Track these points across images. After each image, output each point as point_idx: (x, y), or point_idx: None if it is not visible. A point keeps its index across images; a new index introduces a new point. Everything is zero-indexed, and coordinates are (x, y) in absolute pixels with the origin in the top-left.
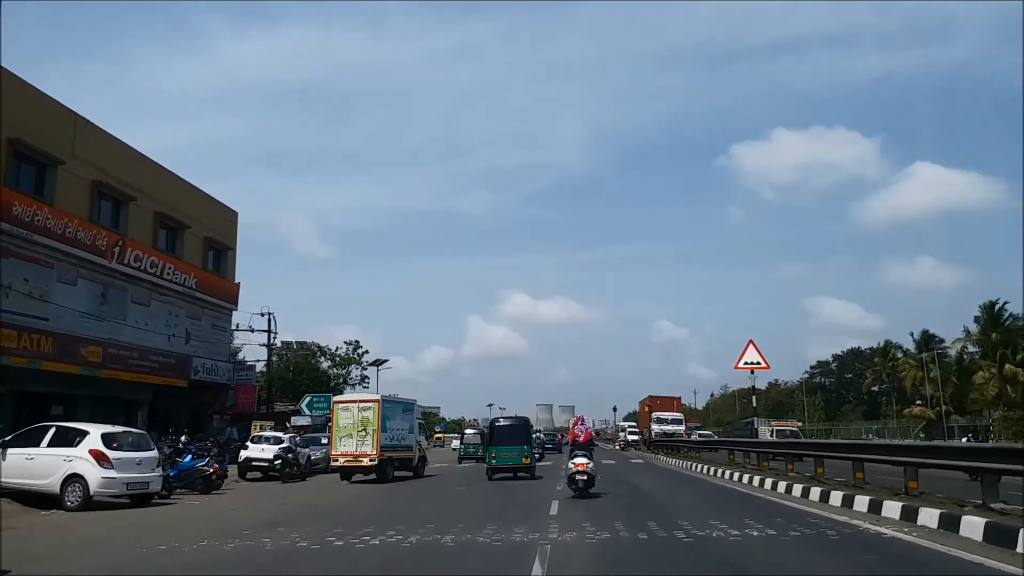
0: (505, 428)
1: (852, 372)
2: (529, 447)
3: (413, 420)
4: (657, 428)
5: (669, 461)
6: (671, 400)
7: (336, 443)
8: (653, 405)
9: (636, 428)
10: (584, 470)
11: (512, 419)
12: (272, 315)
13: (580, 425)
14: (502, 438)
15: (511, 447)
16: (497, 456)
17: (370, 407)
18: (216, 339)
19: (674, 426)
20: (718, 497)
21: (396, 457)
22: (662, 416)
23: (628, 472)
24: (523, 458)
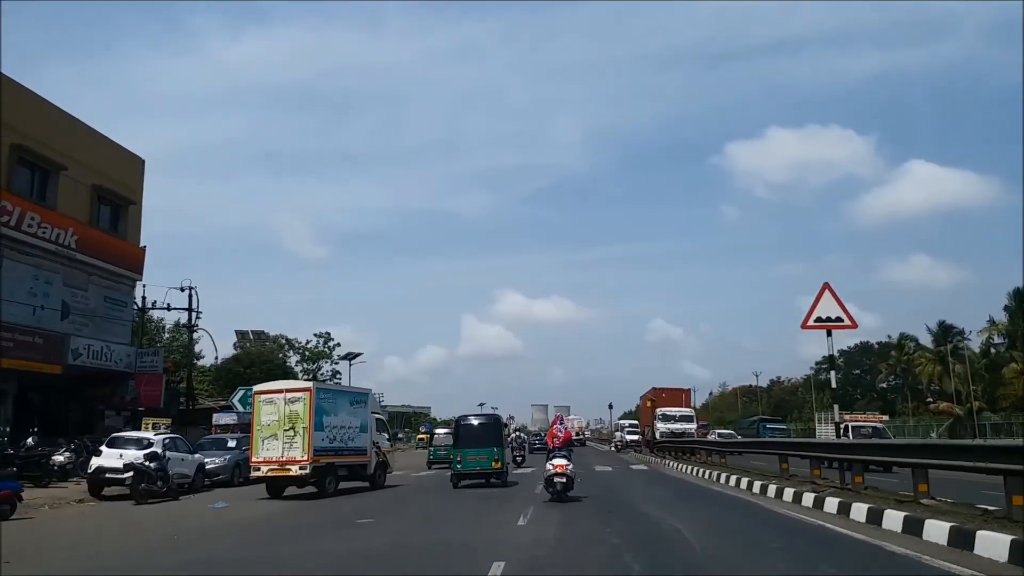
0: (472, 428)
1: (860, 368)
2: (500, 449)
3: (366, 416)
4: (663, 427)
5: (682, 469)
6: (679, 393)
7: (257, 446)
8: (657, 399)
9: (636, 427)
10: (563, 471)
11: (481, 417)
12: (193, 289)
13: (559, 425)
14: (469, 439)
15: (479, 449)
16: (463, 460)
17: (300, 398)
18: (112, 316)
19: (684, 424)
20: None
21: (341, 464)
22: (669, 412)
23: (631, 485)
24: (493, 462)
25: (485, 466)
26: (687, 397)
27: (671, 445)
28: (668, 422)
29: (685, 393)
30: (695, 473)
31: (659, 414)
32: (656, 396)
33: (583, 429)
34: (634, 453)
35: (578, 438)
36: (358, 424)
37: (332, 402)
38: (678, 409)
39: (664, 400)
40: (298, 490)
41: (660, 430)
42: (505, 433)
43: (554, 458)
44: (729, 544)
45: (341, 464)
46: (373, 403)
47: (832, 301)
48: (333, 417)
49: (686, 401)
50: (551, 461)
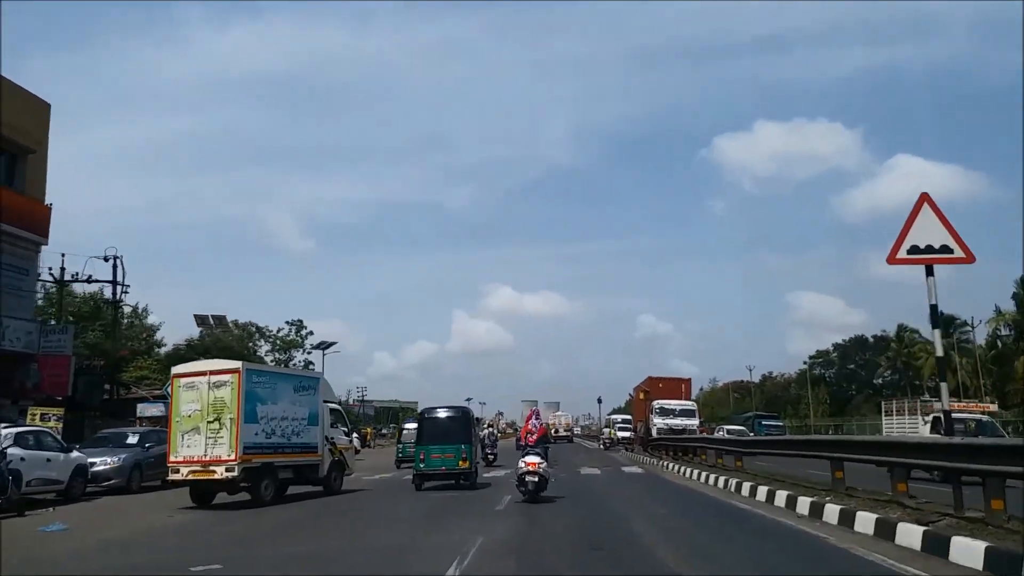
0: (438, 422)
1: (855, 362)
2: (469, 446)
3: (317, 405)
4: (660, 422)
5: (685, 474)
6: (678, 383)
7: (176, 442)
8: (653, 390)
9: (629, 422)
10: (535, 470)
11: (448, 409)
12: (119, 259)
13: (534, 420)
14: (434, 434)
15: (445, 446)
16: (427, 458)
17: (226, 382)
18: (9, 286)
19: (684, 419)
20: None
21: (283, 464)
22: (667, 406)
23: (625, 497)
24: (460, 460)
25: (451, 465)
26: (687, 388)
27: (669, 444)
28: (666, 417)
29: (685, 383)
30: (703, 479)
31: (655, 407)
32: (651, 387)
33: (571, 425)
34: (625, 452)
35: (565, 434)
36: (305, 415)
37: (270, 387)
38: (678, 402)
39: (661, 391)
40: (229, 496)
41: (657, 426)
42: (477, 428)
43: (526, 455)
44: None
45: (283, 464)
46: (327, 390)
47: (935, 221)
48: (271, 406)
49: (686, 392)
50: (523, 459)
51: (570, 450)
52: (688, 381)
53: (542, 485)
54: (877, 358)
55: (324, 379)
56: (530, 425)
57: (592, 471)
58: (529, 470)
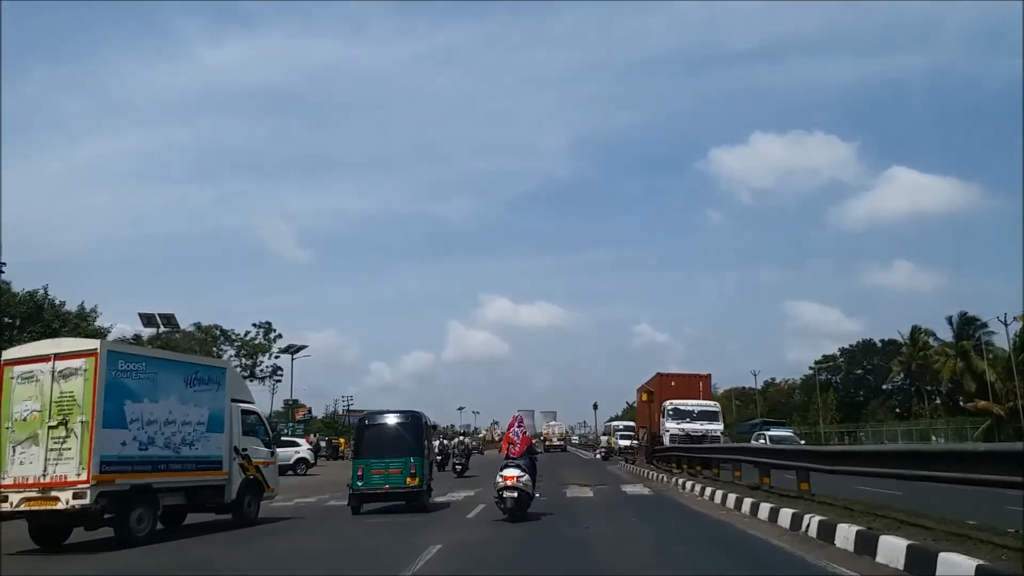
0: (381, 430)
1: (862, 367)
2: (419, 460)
3: (222, 405)
4: (674, 427)
5: (716, 498)
6: (695, 380)
7: (6, 458)
8: (663, 390)
9: (631, 429)
10: (513, 484)
11: (395, 415)
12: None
13: (516, 427)
14: (376, 446)
15: (389, 460)
16: (365, 475)
17: (78, 369)
18: None
19: (705, 423)
20: None
21: (168, 485)
22: (683, 407)
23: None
24: (408, 477)
25: (397, 483)
26: (706, 386)
27: (686, 454)
28: (681, 420)
29: (703, 380)
30: (747, 510)
31: (668, 409)
32: (661, 385)
33: (565, 435)
34: (625, 464)
35: (559, 443)
36: (203, 418)
37: (147, 378)
38: (696, 403)
39: (673, 390)
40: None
41: (670, 432)
42: (432, 438)
43: (505, 468)
44: None
45: (167, 486)
46: (238, 386)
47: None
48: (149, 404)
49: (704, 391)
50: (501, 472)
51: (562, 461)
52: (707, 378)
53: (524, 502)
54: (888, 363)
55: (232, 370)
56: (512, 434)
57: (582, 492)
58: (507, 484)
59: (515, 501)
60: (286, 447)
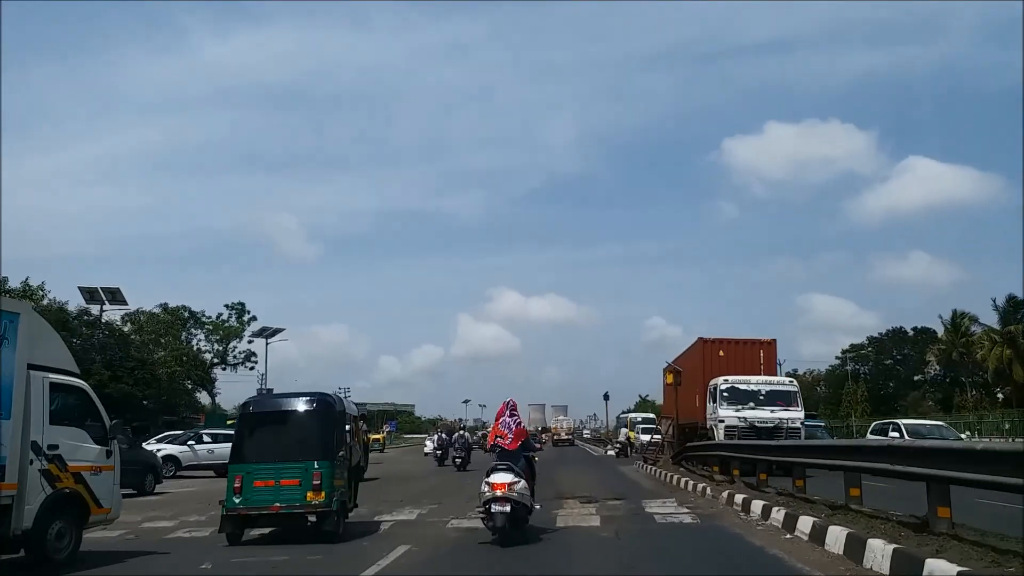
0: (269, 422)
1: (892, 357)
2: (328, 465)
3: (12, 374)
4: (730, 415)
5: (836, 547)
6: (753, 348)
7: None
8: (710, 362)
9: (652, 421)
10: (505, 494)
11: (294, 399)
12: None
13: (507, 416)
14: (262, 444)
15: (280, 466)
16: (246, 487)
17: None
18: None
19: (778, 410)
20: None
21: None
22: (743, 386)
23: None
24: (309, 491)
25: (292, 499)
26: (769, 357)
27: (750, 456)
28: (741, 405)
29: (764, 348)
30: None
31: (720, 390)
32: (706, 356)
33: (573, 430)
34: (644, 464)
35: (567, 438)
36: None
37: None
38: (763, 380)
39: (723, 363)
40: None
41: (726, 422)
42: (351, 432)
43: (493, 472)
44: None
45: None
46: (44, 343)
47: None
48: None
49: (767, 363)
50: (488, 478)
51: (566, 457)
52: (771, 345)
53: (520, 517)
54: (923, 351)
55: (33, 316)
56: (502, 424)
57: (583, 516)
58: (497, 495)
59: (507, 518)
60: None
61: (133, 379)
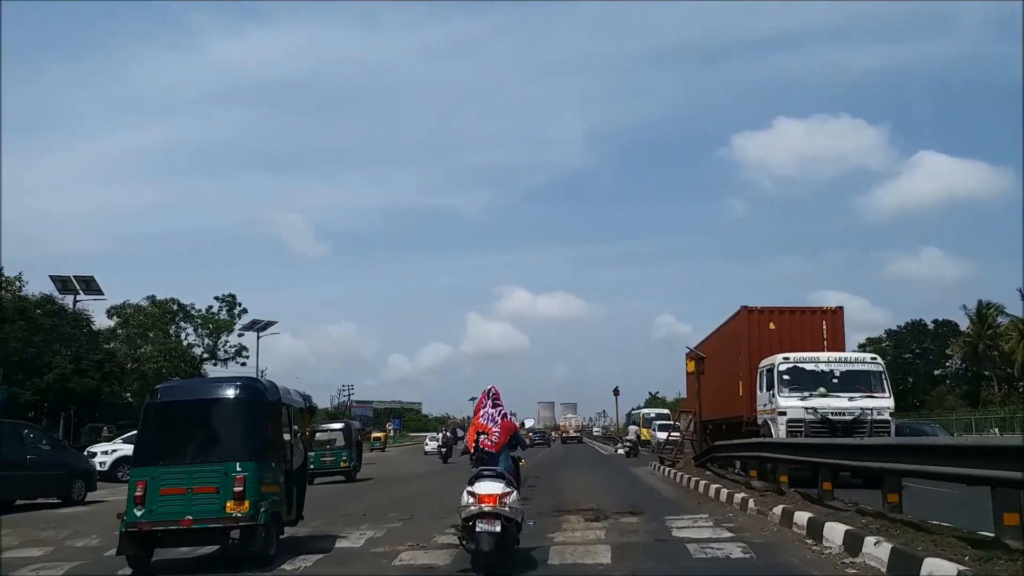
0: (182, 410)
1: (911, 351)
2: (254, 467)
3: None
4: (794, 405)
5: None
6: (814, 319)
7: None
8: (757, 338)
9: (667, 418)
10: (494, 509)
11: (211, 386)
12: None
13: (489, 408)
14: (171, 441)
15: (193, 469)
16: (150, 496)
17: None
18: None
19: (859, 397)
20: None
21: None
22: (808, 365)
23: None
24: (229, 501)
25: (207, 511)
26: (834, 327)
27: (815, 458)
28: (805, 390)
29: (828, 318)
30: None
31: (777, 371)
32: (752, 329)
33: (582, 428)
34: (660, 466)
35: (575, 435)
36: None
37: None
38: (836, 356)
39: (774, 338)
40: None
41: (788, 415)
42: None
43: (477, 480)
44: None
45: None
46: None
47: None
48: None
49: (832, 336)
50: (473, 486)
51: (572, 456)
52: (836, 314)
53: (509, 539)
54: (944, 344)
55: None
56: (483, 417)
57: (591, 538)
58: (485, 510)
59: (493, 539)
60: None
61: (101, 374)
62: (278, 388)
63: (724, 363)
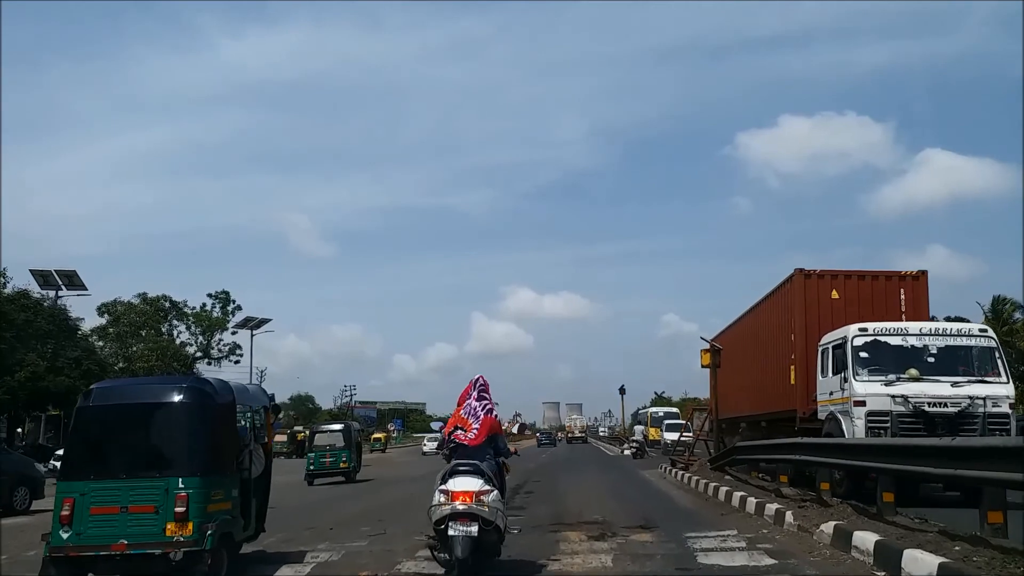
0: (118, 415)
1: None
2: (200, 483)
3: None
4: (878, 392)
5: None
6: (889, 284)
7: None
8: (817, 308)
9: (676, 417)
10: (471, 509)
11: (153, 387)
12: None
13: (473, 401)
14: (106, 452)
15: (129, 485)
16: (79, 517)
17: None
18: None
19: (967, 381)
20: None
21: None
22: (897, 338)
23: None
24: (170, 522)
25: (145, 534)
26: (916, 295)
27: (882, 463)
28: (888, 371)
29: (908, 285)
30: None
31: (852, 346)
32: (809, 296)
33: (587, 428)
34: (673, 469)
35: (580, 435)
36: None
37: None
38: (928, 327)
39: (837, 310)
40: None
41: (871, 404)
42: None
43: (452, 476)
44: None
45: None
46: None
47: None
48: None
49: (913, 307)
50: (445, 483)
51: (576, 458)
52: (919, 280)
53: (490, 543)
54: None
55: None
56: (465, 411)
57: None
58: (459, 509)
59: (472, 544)
60: None
61: (79, 371)
62: (232, 388)
63: (765, 347)
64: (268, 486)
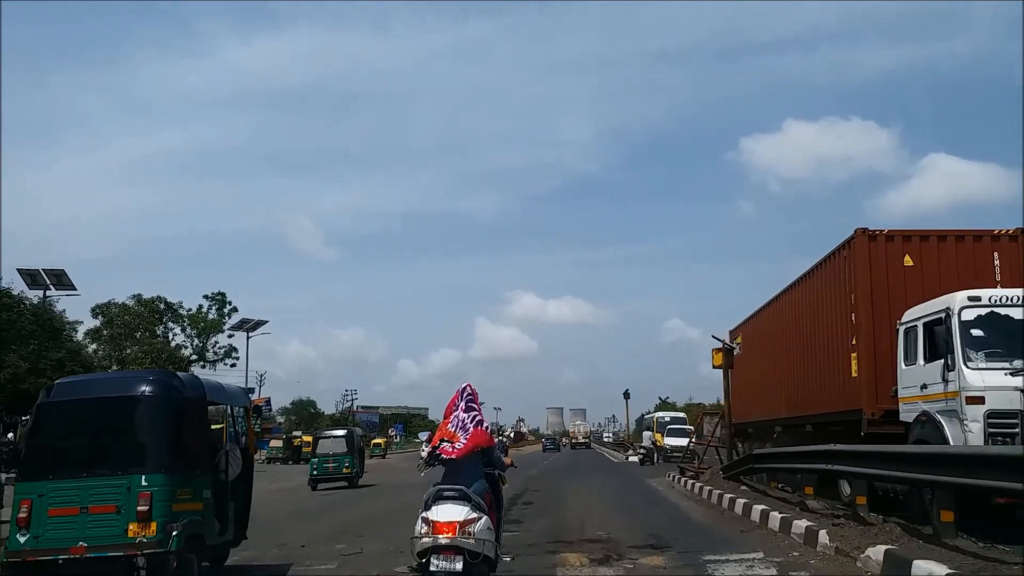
0: (78, 411)
1: None
2: (163, 479)
3: None
4: (998, 386)
5: None
6: (979, 246)
7: None
8: (886, 277)
9: (682, 422)
10: (455, 541)
11: (116, 383)
12: None
13: (461, 412)
14: (65, 450)
15: (89, 485)
16: (37, 519)
17: None
18: None
19: None
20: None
21: None
22: (1016, 310)
23: None
24: (132, 523)
25: (105, 535)
26: (1011, 257)
27: (962, 479)
28: (1008, 357)
29: (1000, 246)
30: None
31: (958, 320)
32: (872, 265)
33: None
34: (681, 478)
35: (583, 441)
36: None
37: None
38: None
39: (912, 279)
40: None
41: (991, 398)
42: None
43: (439, 502)
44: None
45: None
46: None
47: None
48: None
49: (1009, 276)
50: (428, 511)
51: (579, 464)
52: (1017, 240)
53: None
54: None
55: None
56: (453, 423)
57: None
58: (441, 542)
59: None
60: None
61: (62, 374)
62: (204, 383)
63: (808, 334)
64: (250, 489)
